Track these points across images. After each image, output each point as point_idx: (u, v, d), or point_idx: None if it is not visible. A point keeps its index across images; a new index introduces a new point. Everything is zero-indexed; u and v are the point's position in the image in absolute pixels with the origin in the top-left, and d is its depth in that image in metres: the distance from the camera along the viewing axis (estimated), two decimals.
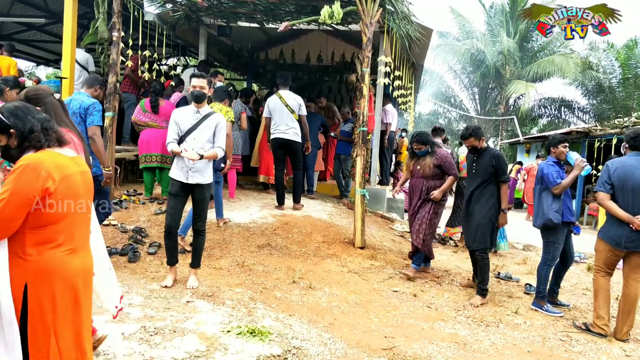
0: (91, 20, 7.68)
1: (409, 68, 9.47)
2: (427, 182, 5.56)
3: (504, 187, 4.96)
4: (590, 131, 12.24)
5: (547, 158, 5.05)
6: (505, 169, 4.96)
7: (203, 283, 4.57)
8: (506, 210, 4.97)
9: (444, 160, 5.50)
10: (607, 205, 4.28)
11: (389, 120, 9.69)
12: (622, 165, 4.27)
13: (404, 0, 6.62)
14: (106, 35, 6.64)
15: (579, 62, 19.88)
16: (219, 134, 4.48)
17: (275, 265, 5.29)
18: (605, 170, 4.35)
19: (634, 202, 4.16)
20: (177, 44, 10.78)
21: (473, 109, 25.77)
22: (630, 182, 4.17)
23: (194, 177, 4.42)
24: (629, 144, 4.35)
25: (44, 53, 13.94)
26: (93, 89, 4.72)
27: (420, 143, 5.58)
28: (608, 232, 4.34)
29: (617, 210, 4.21)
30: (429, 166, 5.52)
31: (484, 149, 5.11)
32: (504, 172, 4.95)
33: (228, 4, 7.51)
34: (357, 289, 4.91)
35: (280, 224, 6.35)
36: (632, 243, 4.17)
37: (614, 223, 4.28)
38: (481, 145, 5.09)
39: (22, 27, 11.76)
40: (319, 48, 12.35)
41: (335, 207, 7.78)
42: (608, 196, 4.28)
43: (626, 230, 4.17)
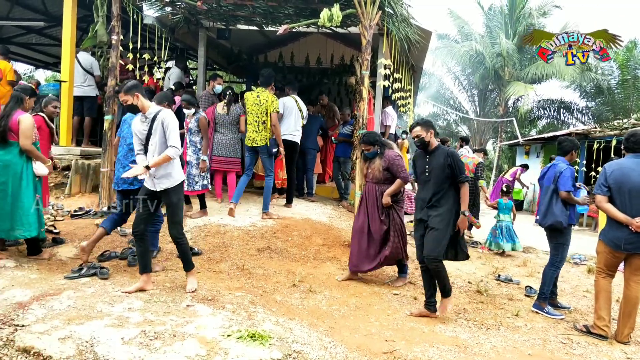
0: (90, 23, 7.69)
1: (409, 70, 9.47)
2: (379, 187, 5.21)
3: (464, 188, 4.45)
4: (589, 133, 12.26)
5: (556, 158, 5.04)
6: (462, 168, 4.48)
7: (203, 287, 4.55)
8: (467, 213, 4.46)
9: (392, 162, 5.13)
10: (605, 207, 4.28)
11: (389, 122, 9.68)
12: (619, 167, 4.28)
13: (403, 3, 6.63)
14: (105, 38, 6.64)
15: (577, 64, 19.91)
16: (168, 132, 4.22)
17: (275, 269, 5.28)
18: (602, 173, 4.37)
19: (632, 204, 4.16)
20: (176, 47, 10.79)
21: (472, 111, 25.79)
22: (628, 184, 4.18)
23: (160, 184, 4.28)
24: (625, 145, 4.38)
25: (42, 56, 13.94)
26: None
27: (368, 144, 5.22)
28: (608, 234, 4.35)
29: (615, 212, 4.21)
30: (378, 169, 5.19)
31: (436, 148, 4.58)
32: (461, 171, 4.46)
33: (227, 7, 7.51)
34: (357, 292, 4.90)
35: (280, 227, 6.34)
36: (631, 245, 4.17)
37: (613, 225, 4.29)
38: (429, 140, 4.54)
39: (21, 31, 11.76)
40: (318, 50, 12.37)
41: (335, 209, 7.77)
42: (606, 199, 4.29)
43: (625, 232, 4.17)
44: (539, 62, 21.05)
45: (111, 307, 3.89)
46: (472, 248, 7.62)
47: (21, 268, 4.75)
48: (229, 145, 7.04)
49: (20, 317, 3.56)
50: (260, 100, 6.44)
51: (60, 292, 4.12)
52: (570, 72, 19.33)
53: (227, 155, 7.04)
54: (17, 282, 4.32)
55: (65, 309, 3.76)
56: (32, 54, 13.63)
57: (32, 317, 3.55)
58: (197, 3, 7.03)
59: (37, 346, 3.12)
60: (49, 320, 3.51)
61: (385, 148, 5.26)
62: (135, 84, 4.34)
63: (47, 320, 3.51)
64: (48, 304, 3.83)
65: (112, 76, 6.49)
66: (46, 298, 3.96)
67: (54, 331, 3.33)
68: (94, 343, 3.21)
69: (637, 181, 4.16)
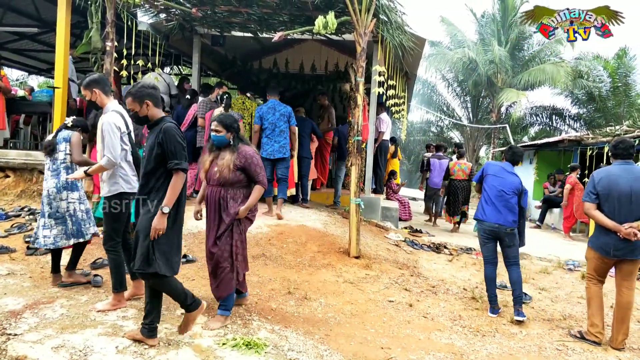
0: (84, 29, 7.68)
1: (403, 77, 9.51)
2: (225, 192, 3.95)
3: (175, 178, 3.36)
4: (582, 139, 12.34)
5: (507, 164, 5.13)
6: (178, 151, 3.37)
7: (197, 294, 4.52)
8: (165, 210, 3.32)
9: (251, 161, 3.95)
10: (594, 214, 4.32)
11: (383, 128, 9.72)
12: (606, 174, 4.32)
13: (398, 11, 6.66)
14: (99, 45, 6.62)
15: (569, 71, 20.07)
16: (104, 138, 3.90)
17: (270, 276, 5.26)
18: (591, 180, 4.42)
19: (620, 211, 4.20)
20: (171, 53, 10.78)
21: (465, 117, 25.89)
22: (615, 191, 4.22)
23: (103, 189, 4.10)
24: (613, 152, 4.42)
25: (35, 62, 13.90)
26: None
27: (222, 125, 3.96)
28: (597, 240, 4.40)
29: (603, 219, 4.25)
30: (228, 167, 3.91)
31: (157, 122, 3.51)
32: (175, 154, 3.36)
33: (222, 14, 7.52)
34: (352, 299, 4.89)
35: (275, 234, 6.32)
36: (619, 251, 4.22)
37: (601, 232, 4.34)
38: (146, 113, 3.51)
39: (14, 37, 11.71)
40: (313, 57, 12.39)
41: (330, 216, 7.76)
42: (594, 206, 4.33)
43: (614, 238, 4.21)
44: (531, 69, 21.24)
45: (105, 315, 3.86)
46: (467, 254, 7.63)
47: (14, 276, 4.70)
48: None
49: (13, 325, 3.52)
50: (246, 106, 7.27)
51: (53, 301, 4.08)
52: (562, 79, 19.47)
53: None
54: (9, 290, 4.28)
55: (59, 317, 3.73)
56: (25, 60, 13.59)
57: (25, 326, 3.52)
58: (192, 10, 7.04)
59: (30, 355, 3.08)
60: (42, 329, 3.48)
61: (240, 142, 4.05)
62: (95, 78, 4.12)
63: (40, 329, 3.48)
64: (41, 312, 3.80)
65: None
66: (39, 306, 3.92)
67: (47, 340, 3.30)
68: (88, 352, 3.19)
69: (625, 188, 4.19)
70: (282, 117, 7.09)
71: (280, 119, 7.07)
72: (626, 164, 4.33)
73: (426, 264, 6.66)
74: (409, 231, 9.09)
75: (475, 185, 5.43)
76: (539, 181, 15.36)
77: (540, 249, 8.70)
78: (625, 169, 4.29)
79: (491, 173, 5.05)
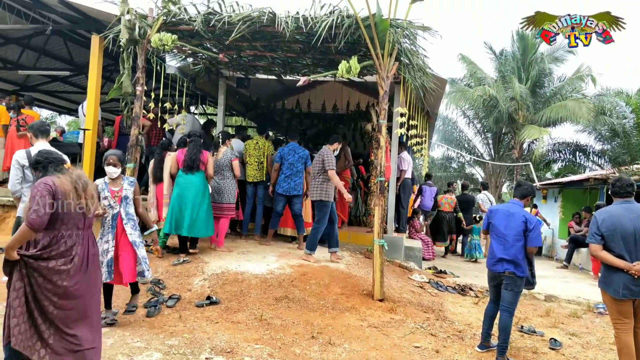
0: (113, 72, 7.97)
1: (424, 116, 9.57)
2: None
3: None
4: (608, 178, 12.14)
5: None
6: None
7: (221, 338, 4.50)
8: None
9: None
10: (601, 255, 4.24)
11: (404, 167, 9.73)
12: (609, 215, 4.27)
13: (420, 54, 6.75)
14: (130, 89, 6.85)
15: (591, 107, 19.93)
16: None
17: (293, 319, 5.21)
18: (593, 222, 4.35)
19: (628, 249, 4.13)
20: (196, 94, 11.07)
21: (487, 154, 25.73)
22: (620, 231, 4.17)
23: None
24: (612, 191, 4.38)
25: (65, 103, 14.41)
26: None
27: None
28: (605, 280, 4.31)
29: (612, 259, 4.17)
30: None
31: None
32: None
33: (247, 58, 7.73)
34: (377, 345, 4.80)
35: (297, 275, 6.29)
36: (629, 291, 4.11)
37: (608, 270, 4.25)
38: None
39: (46, 79, 12.19)
40: (335, 97, 12.60)
41: (353, 256, 7.71)
42: (600, 247, 4.26)
43: (624, 277, 4.12)
44: (553, 105, 21.14)
45: (130, 359, 3.85)
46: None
47: None
48: (222, 191, 7.24)
49: None
50: (259, 146, 8.00)
51: None
52: (585, 116, 19.32)
53: (221, 201, 7.22)
54: None
55: None
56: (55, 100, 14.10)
57: None
58: (220, 55, 7.25)
59: None
60: None
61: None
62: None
63: None
64: None
65: (135, 125, 6.65)
66: None
67: None
68: None
69: (629, 227, 4.14)
70: (300, 159, 7.68)
71: (299, 161, 7.66)
72: (627, 203, 4.29)
73: (452, 307, 6.52)
74: (434, 272, 8.95)
75: (483, 232, 5.43)
76: (564, 219, 15.08)
77: (569, 290, 8.47)
78: (626, 207, 4.25)
79: (494, 221, 4.92)
